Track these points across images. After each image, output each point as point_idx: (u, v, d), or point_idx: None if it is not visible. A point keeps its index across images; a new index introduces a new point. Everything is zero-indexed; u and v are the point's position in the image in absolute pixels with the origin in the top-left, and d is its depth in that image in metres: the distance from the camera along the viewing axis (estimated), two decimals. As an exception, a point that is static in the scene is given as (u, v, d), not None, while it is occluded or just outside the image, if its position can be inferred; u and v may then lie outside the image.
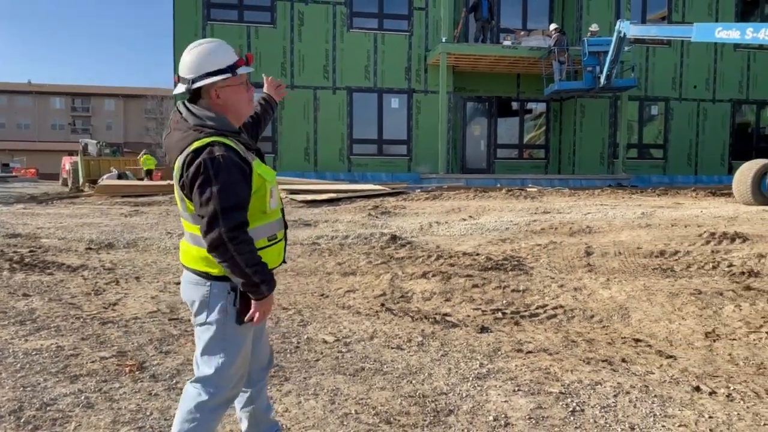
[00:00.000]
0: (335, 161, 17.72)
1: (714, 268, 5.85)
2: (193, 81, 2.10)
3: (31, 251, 7.12)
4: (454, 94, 18.12)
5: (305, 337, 4.08)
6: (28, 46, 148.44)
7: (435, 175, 16.81)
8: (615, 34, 15.21)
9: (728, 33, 11.31)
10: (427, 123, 17.89)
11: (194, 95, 2.16)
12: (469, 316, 4.59)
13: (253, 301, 2.07)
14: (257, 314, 2.09)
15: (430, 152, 17.70)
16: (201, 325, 2.13)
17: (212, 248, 1.99)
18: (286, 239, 2.30)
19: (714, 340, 4.02)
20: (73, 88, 74.67)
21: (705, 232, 7.40)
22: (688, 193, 13.88)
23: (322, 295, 5.26)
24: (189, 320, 4.40)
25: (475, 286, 5.33)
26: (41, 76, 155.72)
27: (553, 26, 16.93)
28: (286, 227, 2.28)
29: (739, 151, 19.79)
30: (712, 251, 6.56)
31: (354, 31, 17.51)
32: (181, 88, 2.16)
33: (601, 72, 16.06)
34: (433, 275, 5.60)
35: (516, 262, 6.19)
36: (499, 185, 15.72)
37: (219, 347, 2.12)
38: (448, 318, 4.51)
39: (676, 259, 6.27)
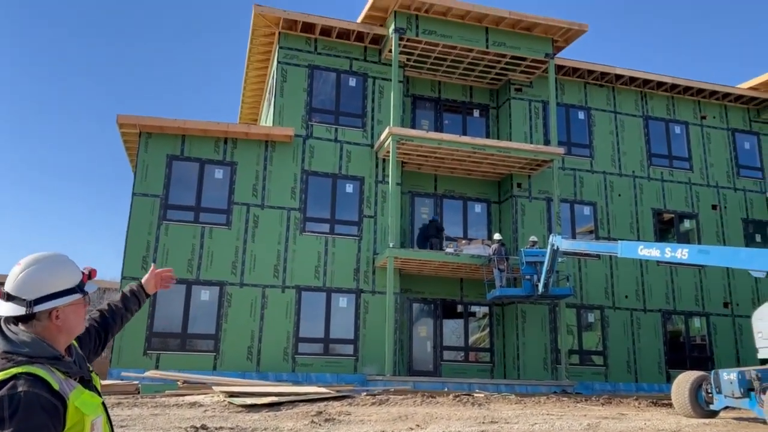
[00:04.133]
0: (279, 361, 17.26)
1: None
2: (36, 302, 1.88)
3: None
4: (400, 295, 18.62)
5: None
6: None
7: (381, 377, 16.50)
8: (549, 246, 16.42)
9: (650, 251, 12.38)
10: (374, 322, 18.04)
11: (24, 316, 1.90)
12: None
13: None
14: None
15: (377, 352, 17.59)
16: None
17: None
18: None
19: None
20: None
21: (650, 447, 7.39)
22: (631, 403, 13.97)
23: None
24: None
25: None
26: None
27: (496, 236, 18.20)
28: None
29: (674, 360, 20.44)
30: (659, 469, 6.51)
31: (306, 234, 18.32)
32: (12, 309, 1.89)
33: (539, 280, 17.00)
34: (379, 496, 5.28)
35: (465, 481, 5.94)
36: (446, 389, 15.48)
37: None
38: None
39: (625, 478, 6.17)
